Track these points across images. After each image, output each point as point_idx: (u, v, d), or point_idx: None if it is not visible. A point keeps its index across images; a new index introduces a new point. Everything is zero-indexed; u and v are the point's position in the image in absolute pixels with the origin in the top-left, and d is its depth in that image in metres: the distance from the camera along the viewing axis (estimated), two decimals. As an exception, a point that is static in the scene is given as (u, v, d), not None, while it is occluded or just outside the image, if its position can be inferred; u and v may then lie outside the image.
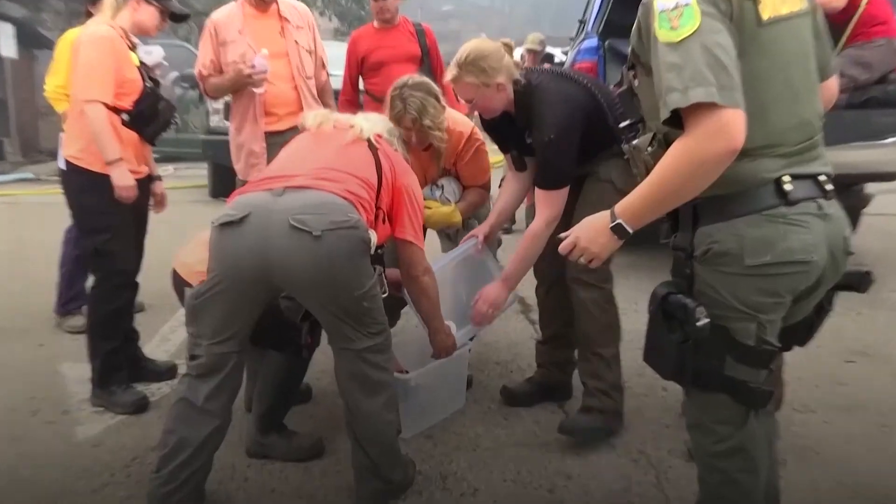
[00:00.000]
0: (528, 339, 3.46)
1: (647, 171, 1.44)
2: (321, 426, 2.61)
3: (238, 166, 3.47)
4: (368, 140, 2.18)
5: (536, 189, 2.43)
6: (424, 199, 2.81)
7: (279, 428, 2.41)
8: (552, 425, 2.55)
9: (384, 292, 2.11)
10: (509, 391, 2.81)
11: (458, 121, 2.93)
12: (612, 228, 1.48)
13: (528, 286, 2.81)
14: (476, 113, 2.52)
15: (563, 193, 2.38)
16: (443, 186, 2.94)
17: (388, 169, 2.15)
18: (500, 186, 2.77)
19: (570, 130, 2.30)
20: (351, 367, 2.00)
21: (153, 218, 3.08)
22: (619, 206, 1.48)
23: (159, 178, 3.09)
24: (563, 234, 1.61)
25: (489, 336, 3.46)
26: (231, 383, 2.00)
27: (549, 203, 2.38)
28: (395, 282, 2.46)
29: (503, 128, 2.54)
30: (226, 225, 1.90)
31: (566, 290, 2.56)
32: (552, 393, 2.80)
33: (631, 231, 1.48)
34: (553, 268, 2.56)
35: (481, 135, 2.91)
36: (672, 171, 1.36)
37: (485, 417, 2.70)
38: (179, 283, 2.23)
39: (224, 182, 6.07)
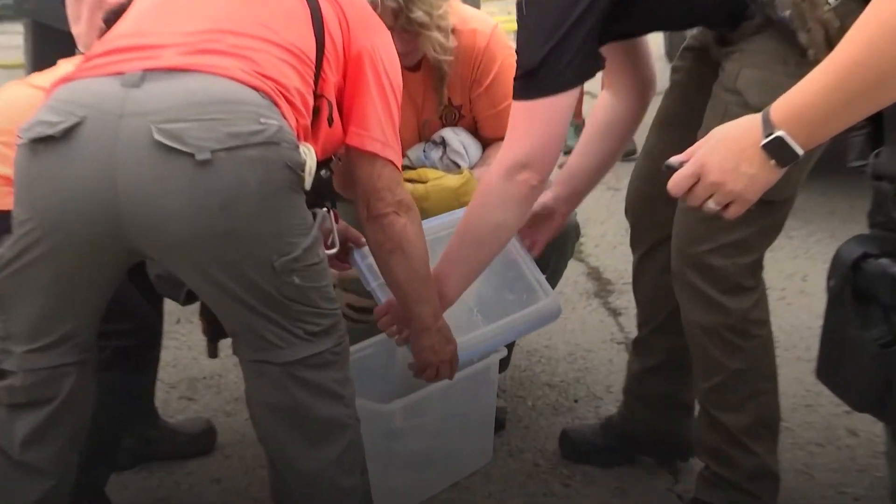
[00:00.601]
0: (607, 344, 3.49)
1: (830, 44, 1.45)
2: (234, 498, 2.65)
3: (77, 28, 3.46)
4: None
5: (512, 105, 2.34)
6: (413, 168, 2.85)
7: (95, 499, 2.44)
8: (648, 497, 2.58)
9: (332, 246, 2.12)
10: (571, 439, 2.85)
11: (469, 16, 2.92)
12: (765, 146, 1.49)
13: (606, 250, 2.80)
14: None
15: (550, 111, 2.26)
16: (444, 142, 2.95)
17: (337, 22, 2.14)
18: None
19: None
20: (275, 396, 2.00)
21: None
22: (779, 107, 1.49)
23: None
24: (674, 160, 1.62)
25: (538, 337, 3.49)
26: (70, 416, 2.02)
27: (520, 128, 2.29)
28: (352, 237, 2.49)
29: None
30: (41, 142, 1.86)
31: None
32: (647, 446, 2.80)
33: (801, 151, 1.49)
34: (658, 218, 2.54)
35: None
36: (878, 41, 1.36)
37: (528, 483, 2.73)
38: None
39: (54, 57, 6.08)
